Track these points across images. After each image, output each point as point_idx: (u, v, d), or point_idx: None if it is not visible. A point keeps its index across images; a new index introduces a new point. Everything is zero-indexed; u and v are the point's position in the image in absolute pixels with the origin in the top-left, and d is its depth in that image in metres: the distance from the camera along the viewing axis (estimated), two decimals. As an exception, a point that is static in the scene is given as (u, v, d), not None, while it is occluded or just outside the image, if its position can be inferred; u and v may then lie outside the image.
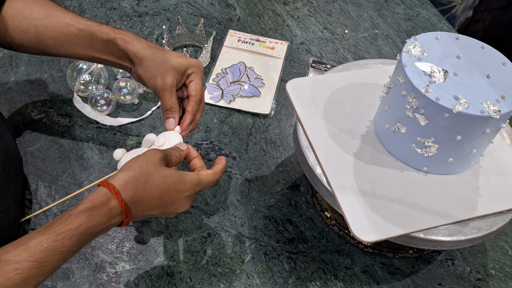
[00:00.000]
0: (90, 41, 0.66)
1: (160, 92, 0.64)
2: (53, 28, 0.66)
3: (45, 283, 0.61)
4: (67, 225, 0.48)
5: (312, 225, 0.71)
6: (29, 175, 0.72)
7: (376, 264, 0.68)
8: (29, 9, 0.66)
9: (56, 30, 0.66)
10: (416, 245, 0.56)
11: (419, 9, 1.14)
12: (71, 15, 0.67)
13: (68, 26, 0.66)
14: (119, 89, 0.82)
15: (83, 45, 0.66)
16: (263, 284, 0.64)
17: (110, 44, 0.65)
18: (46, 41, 0.66)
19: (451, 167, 0.59)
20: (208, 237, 0.68)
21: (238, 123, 0.84)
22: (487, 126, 0.52)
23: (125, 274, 0.64)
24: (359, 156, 0.60)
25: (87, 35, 0.65)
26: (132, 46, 0.65)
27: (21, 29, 0.65)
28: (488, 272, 0.69)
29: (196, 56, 0.95)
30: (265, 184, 0.75)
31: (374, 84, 0.68)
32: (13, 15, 0.65)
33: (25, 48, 0.68)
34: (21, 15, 0.65)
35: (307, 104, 0.65)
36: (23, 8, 0.66)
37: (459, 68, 0.55)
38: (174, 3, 1.05)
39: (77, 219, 0.48)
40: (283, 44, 0.98)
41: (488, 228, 0.56)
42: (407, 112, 0.55)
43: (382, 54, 1.00)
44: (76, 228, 0.48)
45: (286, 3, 1.10)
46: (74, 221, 0.48)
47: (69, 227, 0.48)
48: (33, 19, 0.65)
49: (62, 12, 0.67)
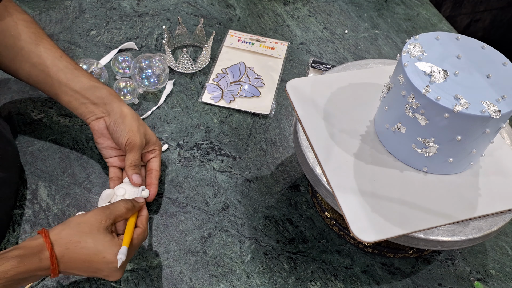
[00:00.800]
0: (74, 77, 0.68)
1: (135, 147, 0.67)
2: (39, 55, 0.67)
3: (45, 283, 0.61)
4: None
5: (312, 225, 0.71)
6: (29, 175, 0.72)
7: (376, 264, 0.68)
8: (19, 31, 0.67)
9: (41, 58, 0.67)
10: (416, 245, 0.56)
11: (419, 9, 1.14)
12: (59, 51, 0.69)
13: (55, 59, 0.67)
14: (119, 89, 0.82)
15: (65, 79, 0.67)
16: (263, 284, 0.64)
17: (95, 88, 0.67)
18: (24, 66, 0.68)
19: (451, 167, 0.59)
20: (208, 237, 0.68)
21: (238, 123, 0.84)
22: (487, 126, 0.52)
23: (125, 274, 0.64)
24: (359, 156, 0.60)
25: (72, 73, 0.68)
26: (117, 99, 0.68)
27: (5, 44, 0.67)
28: (488, 272, 0.69)
29: (196, 56, 0.95)
30: (265, 184, 0.75)
31: (374, 84, 0.68)
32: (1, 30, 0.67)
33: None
34: (9, 32, 0.67)
35: (307, 104, 0.65)
36: (13, 26, 0.67)
37: (459, 68, 0.55)
38: (174, 3, 1.05)
39: (8, 262, 0.49)
40: (283, 44, 0.98)
41: (488, 228, 0.56)
42: (407, 112, 0.55)
43: (382, 54, 1.00)
44: (4, 271, 0.49)
45: (286, 3, 1.10)
46: (5, 264, 0.49)
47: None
48: (22, 41, 0.67)
49: (53, 45, 0.69)
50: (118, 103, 0.68)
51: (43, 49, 0.67)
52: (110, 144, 0.69)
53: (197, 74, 0.90)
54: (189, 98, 0.86)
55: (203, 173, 0.75)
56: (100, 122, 0.68)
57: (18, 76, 0.70)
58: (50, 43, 0.69)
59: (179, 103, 0.85)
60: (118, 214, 0.58)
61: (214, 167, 0.76)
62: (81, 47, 0.93)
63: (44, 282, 0.62)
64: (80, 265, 0.54)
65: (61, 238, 0.53)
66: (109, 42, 0.94)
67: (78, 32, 0.95)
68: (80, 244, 0.53)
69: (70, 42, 0.93)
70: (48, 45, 0.68)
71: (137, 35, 0.97)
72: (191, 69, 0.90)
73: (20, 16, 0.69)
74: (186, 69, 0.90)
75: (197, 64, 0.90)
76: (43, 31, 0.70)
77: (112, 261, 0.54)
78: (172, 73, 0.90)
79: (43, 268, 0.51)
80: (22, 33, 0.67)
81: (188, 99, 0.86)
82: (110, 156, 0.70)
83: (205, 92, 0.87)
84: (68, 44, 0.93)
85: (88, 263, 0.54)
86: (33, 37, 0.68)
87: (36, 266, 0.51)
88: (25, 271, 0.50)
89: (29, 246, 0.52)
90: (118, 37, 0.95)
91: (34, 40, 0.67)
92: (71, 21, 0.98)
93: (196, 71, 0.91)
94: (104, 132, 0.68)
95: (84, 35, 0.95)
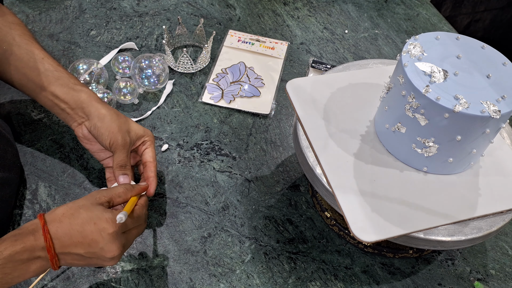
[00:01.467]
0: (55, 80, 0.66)
1: (119, 148, 0.65)
2: (21, 58, 0.66)
3: (45, 283, 0.62)
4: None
5: (312, 225, 0.71)
6: (29, 175, 0.72)
7: (376, 264, 0.68)
8: (4, 33, 0.66)
9: (23, 61, 0.66)
10: (416, 245, 0.56)
11: (419, 9, 1.14)
12: (42, 53, 0.68)
13: (36, 62, 0.66)
14: (119, 89, 0.82)
15: (46, 82, 0.66)
16: (263, 284, 0.64)
17: (74, 91, 0.66)
18: (7, 67, 0.67)
19: (451, 167, 0.59)
20: (208, 237, 0.68)
21: (238, 123, 0.84)
22: (487, 126, 0.52)
23: (125, 274, 0.64)
24: (359, 156, 0.60)
25: (53, 76, 0.66)
26: (96, 101, 0.66)
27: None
28: (488, 272, 0.69)
29: (196, 56, 0.95)
30: (265, 184, 0.75)
31: (374, 84, 0.68)
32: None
33: None
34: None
35: (307, 104, 0.65)
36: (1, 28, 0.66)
37: (459, 68, 0.55)
38: (174, 3, 1.05)
39: (3, 243, 0.49)
40: (283, 44, 0.98)
41: (488, 228, 0.56)
42: (407, 112, 0.55)
43: (382, 54, 1.00)
44: (0, 251, 0.49)
45: (286, 3, 1.10)
46: (1, 245, 0.49)
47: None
48: (6, 43, 0.66)
49: (37, 47, 0.68)
50: (96, 105, 0.66)
51: (25, 51, 0.66)
52: (99, 147, 0.68)
53: (197, 74, 0.90)
54: (189, 98, 0.86)
55: (203, 173, 0.75)
56: (82, 128, 0.66)
57: (3, 79, 0.69)
58: (34, 45, 0.68)
59: (179, 103, 0.85)
60: (115, 193, 0.58)
61: (214, 167, 0.76)
62: (81, 47, 0.93)
63: (44, 282, 0.62)
64: (76, 238, 0.52)
65: (56, 214, 0.53)
66: (109, 42, 0.94)
67: (78, 32, 0.95)
68: (73, 216, 0.53)
69: (70, 42, 0.93)
70: (32, 47, 0.67)
71: (137, 35, 0.97)
72: (191, 69, 0.90)
73: (5, 18, 0.68)
74: (186, 69, 0.90)
75: (197, 64, 0.90)
76: (29, 33, 0.69)
77: (104, 228, 0.53)
78: (172, 73, 0.90)
79: (39, 246, 0.51)
80: (6, 35, 0.66)
81: (188, 99, 0.86)
82: (103, 158, 0.69)
83: (205, 92, 0.87)
84: (68, 44, 0.93)
85: (81, 234, 0.52)
86: (18, 39, 0.67)
87: (32, 244, 0.50)
88: (21, 250, 0.50)
89: (24, 226, 0.52)
90: (118, 37, 0.95)
91: (17, 43, 0.67)
92: (71, 21, 0.98)
93: (196, 71, 0.91)
94: (89, 137, 0.67)
95: (84, 35, 0.95)
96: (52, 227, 0.52)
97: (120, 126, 0.66)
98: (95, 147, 0.68)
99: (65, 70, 0.68)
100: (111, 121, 0.65)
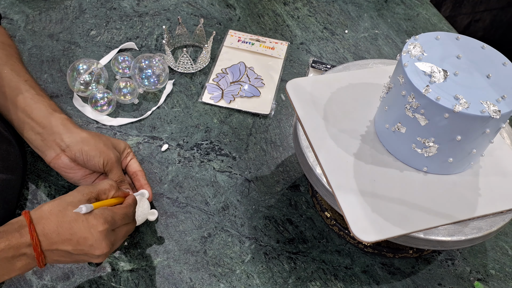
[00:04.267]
0: (34, 103, 0.66)
1: (111, 166, 0.65)
2: (2, 77, 0.66)
3: (45, 283, 0.62)
4: None
5: (312, 225, 0.71)
6: (29, 175, 0.72)
7: (376, 264, 0.68)
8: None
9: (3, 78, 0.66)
10: (416, 245, 0.56)
11: (419, 9, 1.14)
12: (25, 76, 0.67)
13: (19, 83, 0.66)
14: (119, 89, 0.82)
15: (24, 104, 0.66)
16: (263, 284, 0.64)
17: (51, 116, 0.65)
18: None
19: (451, 167, 0.59)
20: (208, 237, 0.68)
21: (238, 123, 0.84)
22: (487, 126, 0.52)
23: (125, 274, 0.64)
24: (359, 156, 0.60)
25: (32, 99, 0.66)
26: (74, 126, 0.66)
27: None
28: (488, 272, 0.69)
29: (196, 56, 0.95)
30: (265, 184, 0.75)
31: (374, 84, 0.68)
32: None
33: None
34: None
35: (307, 104, 0.65)
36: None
37: (459, 68, 0.55)
38: (174, 3, 1.05)
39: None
40: (283, 44, 0.98)
41: (488, 228, 0.56)
42: (407, 112, 0.55)
43: (382, 54, 1.00)
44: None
45: (286, 3, 1.10)
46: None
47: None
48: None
49: (22, 69, 0.68)
50: (75, 130, 0.65)
51: (8, 71, 0.66)
52: (84, 173, 0.66)
53: (197, 74, 0.90)
54: (189, 98, 0.86)
55: (203, 173, 0.75)
56: (61, 158, 0.65)
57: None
58: (18, 66, 0.67)
59: (179, 103, 0.85)
60: (101, 188, 0.57)
61: (214, 167, 0.76)
62: (81, 47, 0.93)
63: (44, 282, 0.62)
64: (64, 235, 0.52)
65: (42, 211, 0.53)
66: (109, 42, 0.94)
67: (78, 32, 0.95)
68: (61, 212, 0.52)
69: (70, 42, 0.93)
70: (16, 67, 0.67)
71: (137, 35, 0.97)
72: (191, 69, 0.90)
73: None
74: (186, 69, 0.90)
75: (197, 64, 0.90)
76: (17, 55, 0.69)
77: (94, 225, 0.52)
78: (172, 73, 0.90)
79: (25, 244, 0.50)
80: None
81: (188, 99, 0.86)
82: (91, 182, 0.68)
83: (205, 92, 0.87)
84: (68, 44, 0.93)
85: (71, 232, 0.52)
86: (4, 59, 0.66)
87: (17, 241, 0.50)
88: (7, 247, 0.49)
89: (10, 223, 0.52)
90: (118, 37, 0.95)
91: (4, 62, 0.66)
92: (71, 21, 0.98)
93: (196, 71, 0.91)
94: (71, 166, 0.65)
95: (84, 35, 0.95)
96: (38, 224, 0.51)
97: (106, 143, 0.66)
98: (79, 174, 0.66)
99: (46, 95, 0.68)
100: (97, 141, 0.65)
